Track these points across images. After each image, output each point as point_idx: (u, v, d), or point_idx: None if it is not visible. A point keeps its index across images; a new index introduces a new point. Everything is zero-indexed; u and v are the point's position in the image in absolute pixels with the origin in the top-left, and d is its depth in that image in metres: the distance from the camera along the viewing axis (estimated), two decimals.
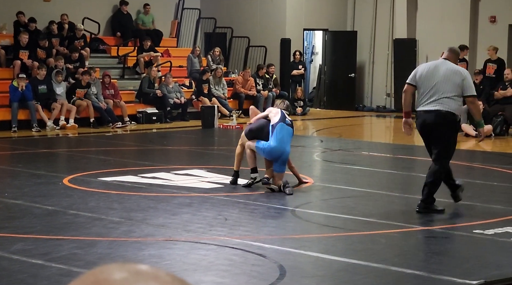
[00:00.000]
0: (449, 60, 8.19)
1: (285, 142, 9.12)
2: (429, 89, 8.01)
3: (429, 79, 8.03)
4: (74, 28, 18.47)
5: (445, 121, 7.95)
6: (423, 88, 8.07)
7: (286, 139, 9.14)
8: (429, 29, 20.28)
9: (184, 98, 18.01)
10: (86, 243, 6.58)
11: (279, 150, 9.08)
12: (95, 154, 12.59)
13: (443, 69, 8.07)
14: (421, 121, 8.10)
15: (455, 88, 7.95)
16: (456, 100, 8.00)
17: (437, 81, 7.99)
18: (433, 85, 8.00)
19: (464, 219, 7.89)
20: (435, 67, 8.12)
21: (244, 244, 6.58)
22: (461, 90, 7.97)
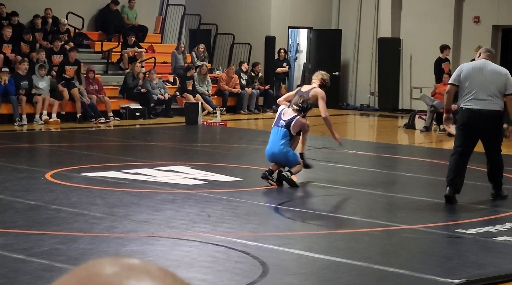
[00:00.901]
0: (489, 60, 8.53)
1: (274, 143, 9.34)
2: (476, 88, 8.34)
3: (475, 79, 8.36)
4: (58, 23, 18.36)
5: (496, 119, 8.44)
6: (469, 87, 8.38)
7: (275, 141, 9.34)
8: (414, 29, 20.35)
9: (168, 94, 17.96)
10: (68, 238, 6.55)
11: (268, 153, 9.44)
12: (78, 149, 12.53)
13: (488, 69, 8.43)
14: (469, 119, 8.39)
15: (500, 87, 8.35)
16: (501, 98, 8.43)
17: (483, 80, 8.34)
18: (479, 84, 8.34)
19: (446, 218, 7.93)
20: (480, 67, 8.45)
21: (227, 241, 6.57)
22: (504, 89, 8.36)
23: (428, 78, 19.59)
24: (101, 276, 0.84)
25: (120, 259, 0.88)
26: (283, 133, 9.32)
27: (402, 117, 19.26)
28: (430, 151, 14.32)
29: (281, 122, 9.35)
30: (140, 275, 0.85)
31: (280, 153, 9.30)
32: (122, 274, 0.84)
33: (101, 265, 0.86)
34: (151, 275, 0.85)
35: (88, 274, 0.86)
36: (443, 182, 10.33)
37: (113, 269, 0.85)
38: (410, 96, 20.72)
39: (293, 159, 9.37)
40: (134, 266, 0.86)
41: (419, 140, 15.87)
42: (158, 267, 0.87)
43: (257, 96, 19.94)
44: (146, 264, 0.87)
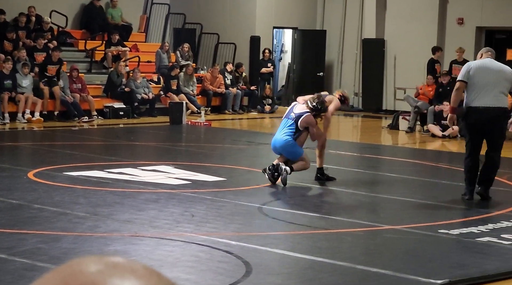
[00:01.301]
0: (492, 58, 8.64)
1: (279, 132, 9.56)
2: (484, 86, 8.41)
3: (483, 77, 8.43)
4: (41, 21, 18.26)
5: (504, 116, 8.58)
6: (477, 85, 8.44)
7: (280, 130, 9.56)
8: (398, 30, 20.41)
9: (152, 94, 17.91)
10: (50, 237, 6.51)
11: (272, 142, 9.65)
12: (61, 148, 12.47)
13: (495, 67, 8.53)
14: (478, 116, 8.44)
15: (506, 84, 8.48)
16: (506, 96, 8.56)
17: (491, 79, 8.42)
18: (487, 82, 8.41)
19: (429, 219, 7.95)
20: (487, 65, 8.52)
21: (211, 240, 6.56)
22: (509, 86, 8.52)
23: (412, 79, 19.67)
24: (85, 274, 0.84)
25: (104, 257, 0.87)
26: (290, 125, 9.48)
27: (386, 118, 19.32)
28: (413, 152, 14.38)
29: (292, 114, 9.51)
30: (124, 274, 0.84)
31: (281, 141, 9.45)
32: (106, 272, 0.84)
33: (85, 263, 0.86)
34: (136, 273, 0.85)
35: (72, 272, 0.85)
36: (427, 183, 10.39)
37: (97, 267, 0.85)
38: (394, 97, 20.79)
39: (295, 150, 9.44)
40: (119, 265, 0.86)
41: (403, 141, 15.93)
42: (143, 266, 0.87)
43: (242, 96, 19.93)
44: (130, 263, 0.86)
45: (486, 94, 8.43)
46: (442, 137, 15.66)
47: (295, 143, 9.45)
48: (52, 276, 0.86)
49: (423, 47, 19.92)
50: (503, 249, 6.61)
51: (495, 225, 7.47)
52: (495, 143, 8.63)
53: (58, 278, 0.86)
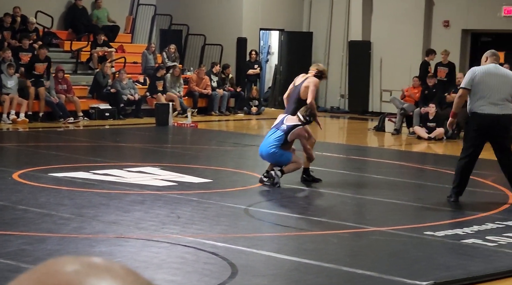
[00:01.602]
0: (497, 63, 8.65)
1: (265, 143, 9.52)
2: (490, 92, 8.43)
3: (488, 83, 8.44)
4: (27, 22, 18.17)
5: (508, 123, 8.54)
6: (481, 91, 8.44)
7: (267, 141, 9.50)
8: (384, 32, 20.47)
9: (138, 95, 17.87)
10: (35, 239, 6.48)
11: (259, 152, 9.65)
12: (46, 149, 12.41)
13: (500, 73, 8.54)
14: (482, 121, 8.46)
15: (510, 90, 8.50)
16: (511, 102, 8.54)
17: (496, 84, 8.44)
18: (492, 89, 8.43)
19: (414, 221, 7.98)
20: (492, 71, 8.52)
21: (197, 242, 6.55)
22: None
23: (398, 81, 19.73)
24: (61, 274, 0.83)
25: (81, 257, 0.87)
26: (278, 137, 9.43)
27: (372, 120, 19.37)
28: (399, 154, 14.42)
29: (283, 126, 9.44)
30: (100, 273, 0.83)
31: (267, 154, 9.46)
32: (82, 272, 0.83)
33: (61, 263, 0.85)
34: (112, 273, 0.84)
35: (48, 271, 0.85)
36: (412, 184, 10.42)
37: (73, 267, 0.84)
38: (380, 99, 20.85)
39: (283, 158, 9.43)
40: (95, 264, 0.85)
41: (389, 142, 15.97)
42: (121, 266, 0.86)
43: (228, 97, 19.92)
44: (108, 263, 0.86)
45: (490, 100, 8.45)
46: (428, 139, 15.72)
47: (282, 152, 9.44)
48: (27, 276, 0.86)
49: (409, 50, 20.00)
50: (488, 251, 6.64)
51: (480, 227, 7.50)
52: (503, 147, 8.62)
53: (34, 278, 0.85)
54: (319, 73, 9.93)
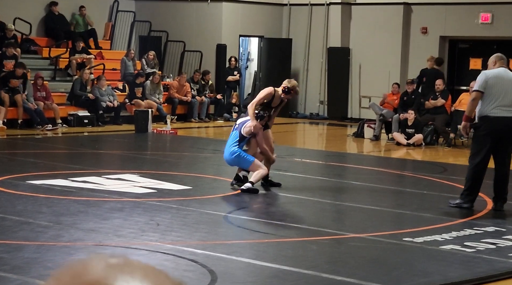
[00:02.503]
0: (505, 67, 8.73)
1: (226, 148, 9.76)
2: (500, 95, 8.49)
3: (499, 86, 8.51)
4: (5, 28, 18.06)
5: None
6: (493, 95, 8.51)
7: (228, 143, 9.76)
8: (363, 39, 20.57)
9: (117, 101, 17.81)
10: (12, 247, 6.42)
11: (224, 157, 9.84)
12: (24, 157, 12.32)
13: (510, 76, 8.62)
14: (495, 125, 8.52)
15: None
16: None
17: (507, 88, 8.51)
18: (504, 92, 8.50)
19: (394, 227, 8.00)
20: (503, 75, 8.60)
21: (176, 249, 6.53)
22: None
23: (377, 87, 19.82)
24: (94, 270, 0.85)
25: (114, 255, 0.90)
26: (233, 136, 9.66)
27: (351, 126, 19.44)
28: (378, 160, 14.47)
29: (236, 126, 9.55)
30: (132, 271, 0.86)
31: (229, 155, 9.61)
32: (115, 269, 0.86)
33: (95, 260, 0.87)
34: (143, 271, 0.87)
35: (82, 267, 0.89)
36: (391, 191, 10.46)
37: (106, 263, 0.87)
38: (359, 105, 20.93)
39: (245, 159, 9.49)
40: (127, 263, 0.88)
41: (368, 149, 16.03)
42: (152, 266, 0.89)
43: (208, 104, 19.90)
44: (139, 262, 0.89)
45: (502, 103, 8.53)
46: (407, 145, 15.79)
47: (243, 153, 9.54)
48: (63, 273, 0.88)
49: (387, 56, 20.10)
50: (466, 257, 6.68)
51: (459, 233, 7.54)
52: (505, 153, 8.69)
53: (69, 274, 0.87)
54: (287, 89, 9.99)
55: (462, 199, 8.77)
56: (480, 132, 8.66)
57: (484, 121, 8.56)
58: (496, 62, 8.72)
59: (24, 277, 5.60)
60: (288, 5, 22.16)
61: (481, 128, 8.63)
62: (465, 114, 8.80)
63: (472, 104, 8.65)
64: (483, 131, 8.59)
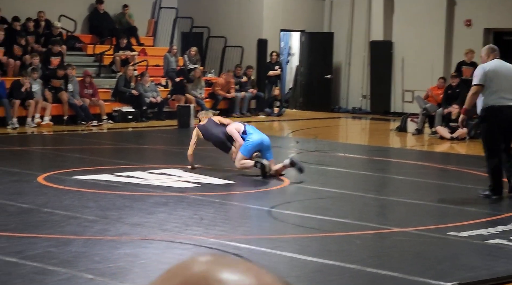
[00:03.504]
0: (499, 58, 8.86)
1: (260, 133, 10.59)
2: (502, 86, 8.63)
3: (499, 77, 8.65)
4: (51, 26, 18.34)
5: None
6: (494, 86, 8.62)
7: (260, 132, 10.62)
8: (405, 32, 20.41)
9: (160, 97, 17.97)
10: (60, 241, 6.54)
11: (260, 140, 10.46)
12: (70, 152, 12.51)
13: (507, 66, 8.80)
14: (502, 115, 8.64)
15: None
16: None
17: (506, 79, 8.67)
18: (504, 83, 8.65)
19: (438, 221, 7.95)
20: (500, 66, 8.77)
21: (220, 243, 6.59)
22: None
23: (420, 81, 19.66)
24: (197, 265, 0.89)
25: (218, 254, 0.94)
26: None
27: (394, 120, 19.30)
28: (421, 154, 14.36)
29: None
30: (234, 267, 0.89)
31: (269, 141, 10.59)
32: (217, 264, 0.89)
33: (198, 257, 0.91)
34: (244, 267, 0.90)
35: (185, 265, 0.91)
36: (435, 185, 10.39)
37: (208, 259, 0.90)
38: (402, 99, 20.78)
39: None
40: (230, 259, 0.91)
41: (411, 143, 15.92)
42: (255, 263, 0.92)
43: (249, 99, 19.95)
44: (241, 259, 0.93)
45: (504, 93, 8.65)
46: (451, 139, 15.64)
47: None
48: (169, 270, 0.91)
49: (431, 49, 19.92)
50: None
51: (505, 227, 7.47)
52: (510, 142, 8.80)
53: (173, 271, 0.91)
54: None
55: (490, 191, 8.86)
56: (488, 124, 8.72)
57: (489, 112, 8.66)
58: (490, 54, 8.82)
59: (72, 270, 5.70)
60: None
61: (488, 119, 8.70)
62: (464, 108, 8.94)
63: (473, 98, 8.77)
64: (491, 121, 8.67)
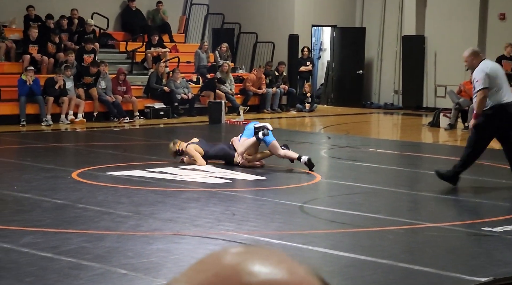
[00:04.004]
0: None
1: None
2: (503, 84, 8.91)
3: (499, 77, 8.92)
4: (84, 23, 18.51)
5: None
6: (497, 85, 8.85)
7: None
8: (438, 26, 20.24)
9: (191, 93, 18.03)
10: (94, 236, 6.61)
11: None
12: (103, 148, 12.62)
13: (497, 66, 9.33)
14: (509, 111, 8.87)
15: None
16: None
17: (503, 77, 9.01)
18: (504, 81, 8.95)
19: (471, 216, 7.89)
20: (496, 66, 9.21)
21: (252, 239, 6.60)
22: None
23: (453, 76, 19.48)
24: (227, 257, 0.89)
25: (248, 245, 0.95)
26: None
27: (426, 115, 19.17)
28: (454, 149, 14.23)
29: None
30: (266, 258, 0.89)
31: None
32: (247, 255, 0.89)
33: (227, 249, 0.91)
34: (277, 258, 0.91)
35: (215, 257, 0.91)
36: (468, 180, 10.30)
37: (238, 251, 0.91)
38: (434, 94, 20.62)
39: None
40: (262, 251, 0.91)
41: (444, 138, 15.80)
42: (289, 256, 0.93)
43: (281, 95, 19.94)
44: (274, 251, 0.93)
45: (506, 90, 8.89)
46: None
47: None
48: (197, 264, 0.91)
49: (464, 43, 19.69)
50: None
51: None
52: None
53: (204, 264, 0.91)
54: None
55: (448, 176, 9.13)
56: (493, 120, 8.82)
57: (498, 109, 8.79)
58: (475, 57, 8.95)
59: (106, 265, 5.76)
60: None
61: (495, 116, 8.81)
62: (476, 112, 8.98)
63: (482, 102, 8.84)
64: (498, 117, 8.80)
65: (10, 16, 18.16)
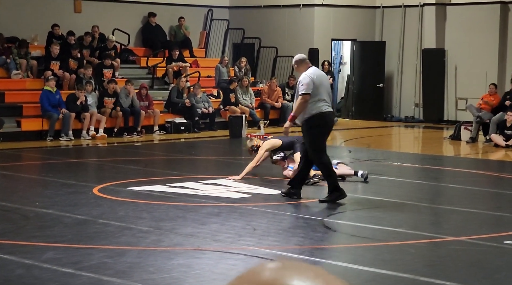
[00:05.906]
0: None
1: None
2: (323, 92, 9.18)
3: (322, 84, 9.21)
4: (105, 39, 18.66)
5: None
6: (319, 93, 9.11)
7: None
8: (458, 39, 20.18)
9: (212, 108, 18.09)
10: (115, 252, 6.64)
11: None
12: (124, 163, 12.68)
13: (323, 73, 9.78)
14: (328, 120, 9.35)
15: None
16: None
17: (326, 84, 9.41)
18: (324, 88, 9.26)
19: (493, 230, 7.83)
20: (319, 73, 9.43)
21: (273, 254, 6.60)
22: None
23: (473, 89, 19.39)
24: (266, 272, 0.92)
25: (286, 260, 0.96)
26: None
27: (447, 128, 19.08)
28: (476, 162, 14.16)
29: None
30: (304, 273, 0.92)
31: None
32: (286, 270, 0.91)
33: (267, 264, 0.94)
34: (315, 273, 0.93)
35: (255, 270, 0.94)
36: (490, 193, 10.24)
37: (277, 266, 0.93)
38: (455, 107, 20.53)
39: None
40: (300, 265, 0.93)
41: (465, 151, 15.71)
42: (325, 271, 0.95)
43: None
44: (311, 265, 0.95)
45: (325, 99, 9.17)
46: (506, 147, 15.39)
47: None
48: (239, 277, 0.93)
49: (484, 56, 19.64)
50: None
51: None
52: None
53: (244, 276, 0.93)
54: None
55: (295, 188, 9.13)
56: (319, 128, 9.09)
57: (316, 118, 8.99)
58: (301, 65, 9.12)
59: (127, 281, 5.78)
60: (381, 7, 21.98)
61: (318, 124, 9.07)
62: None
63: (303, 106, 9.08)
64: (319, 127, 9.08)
65: (32, 33, 18.35)
